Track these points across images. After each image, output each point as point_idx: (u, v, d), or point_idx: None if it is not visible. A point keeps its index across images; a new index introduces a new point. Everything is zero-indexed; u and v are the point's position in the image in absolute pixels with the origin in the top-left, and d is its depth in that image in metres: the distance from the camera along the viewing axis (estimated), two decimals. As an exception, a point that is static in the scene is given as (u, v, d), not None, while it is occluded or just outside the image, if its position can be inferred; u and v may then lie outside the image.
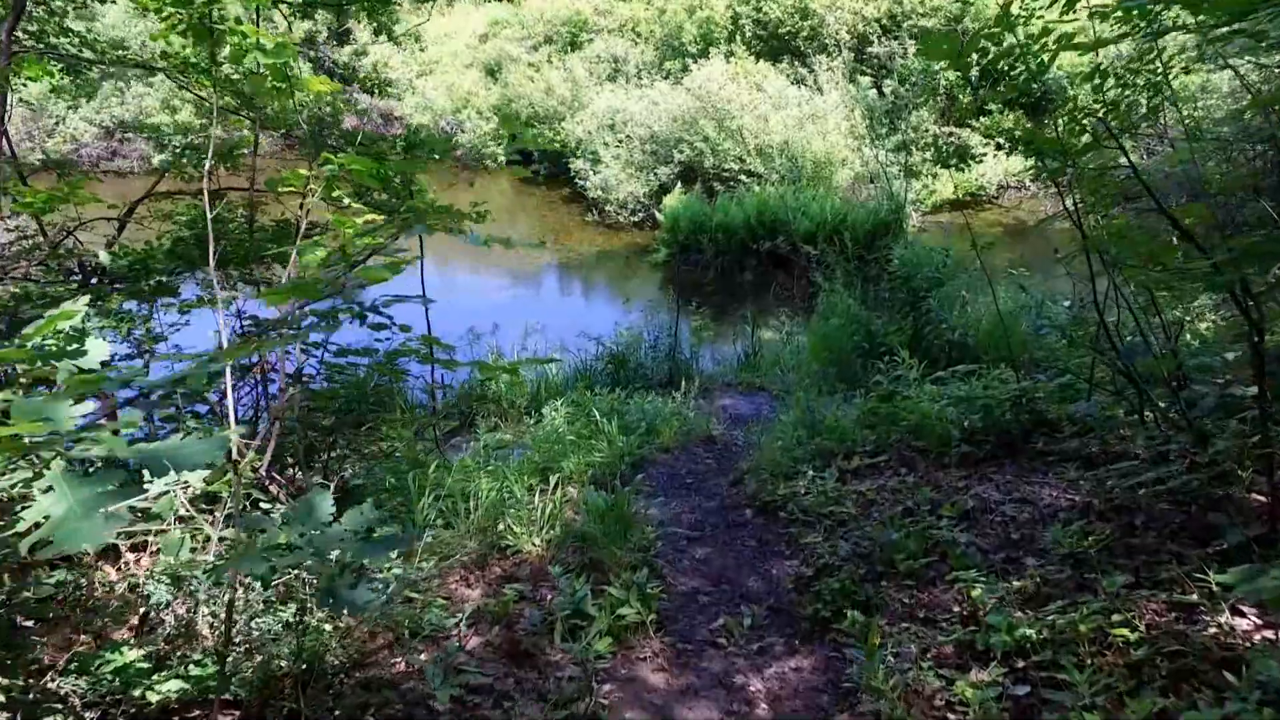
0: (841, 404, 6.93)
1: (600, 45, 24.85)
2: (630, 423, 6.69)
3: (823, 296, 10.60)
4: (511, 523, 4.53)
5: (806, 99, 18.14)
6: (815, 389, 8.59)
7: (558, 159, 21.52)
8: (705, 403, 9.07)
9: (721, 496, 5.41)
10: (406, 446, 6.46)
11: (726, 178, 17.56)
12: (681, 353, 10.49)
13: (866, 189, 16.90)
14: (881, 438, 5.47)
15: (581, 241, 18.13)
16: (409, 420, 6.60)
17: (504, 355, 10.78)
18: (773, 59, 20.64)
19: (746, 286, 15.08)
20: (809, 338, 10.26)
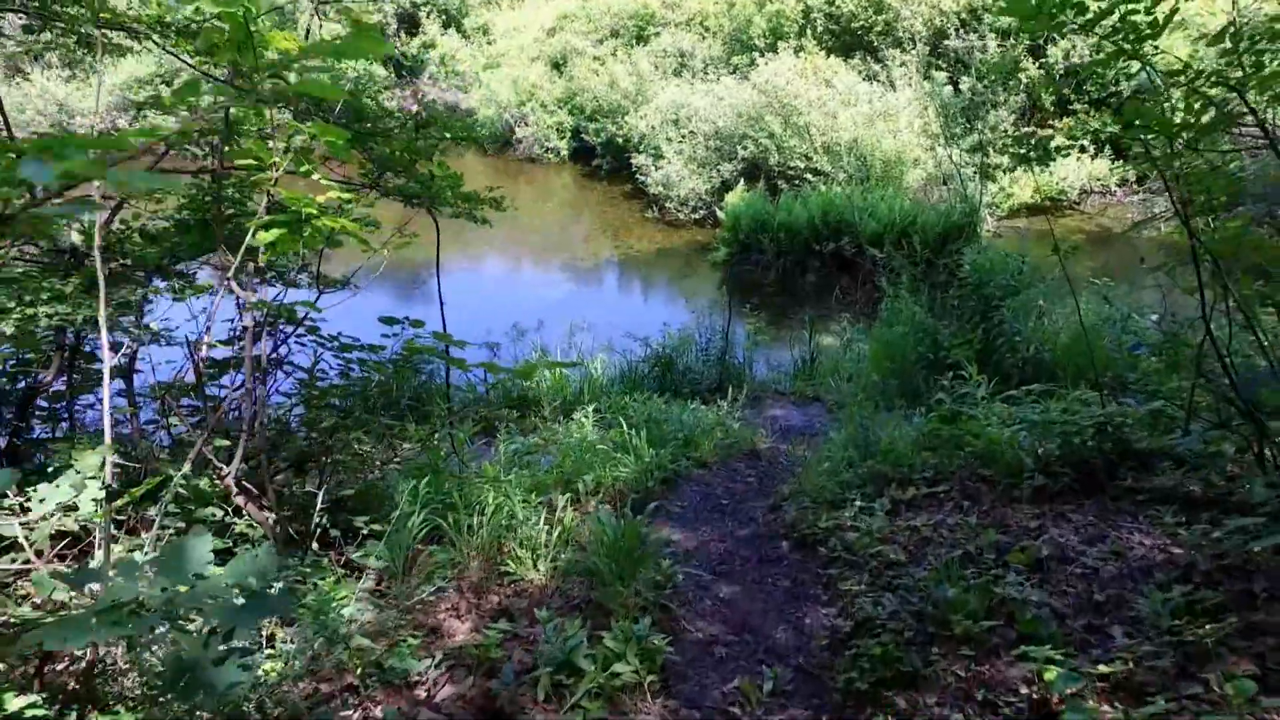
0: (900, 422, 6.28)
1: (667, 39, 24.31)
2: (666, 433, 6.14)
3: (887, 302, 9.91)
4: (515, 545, 4.02)
5: (878, 95, 17.34)
6: (872, 402, 7.93)
7: (620, 154, 21.06)
8: (754, 412, 8.49)
9: (757, 523, 4.84)
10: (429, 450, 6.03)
11: (791, 176, 16.88)
12: (734, 357, 9.92)
13: (938, 191, 16.05)
14: (943, 464, 4.83)
15: (641, 238, 17.63)
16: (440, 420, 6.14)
17: (549, 353, 10.31)
18: (844, 54, 19.86)
19: (808, 289, 14.41)
20: (870, 345, 9.59)
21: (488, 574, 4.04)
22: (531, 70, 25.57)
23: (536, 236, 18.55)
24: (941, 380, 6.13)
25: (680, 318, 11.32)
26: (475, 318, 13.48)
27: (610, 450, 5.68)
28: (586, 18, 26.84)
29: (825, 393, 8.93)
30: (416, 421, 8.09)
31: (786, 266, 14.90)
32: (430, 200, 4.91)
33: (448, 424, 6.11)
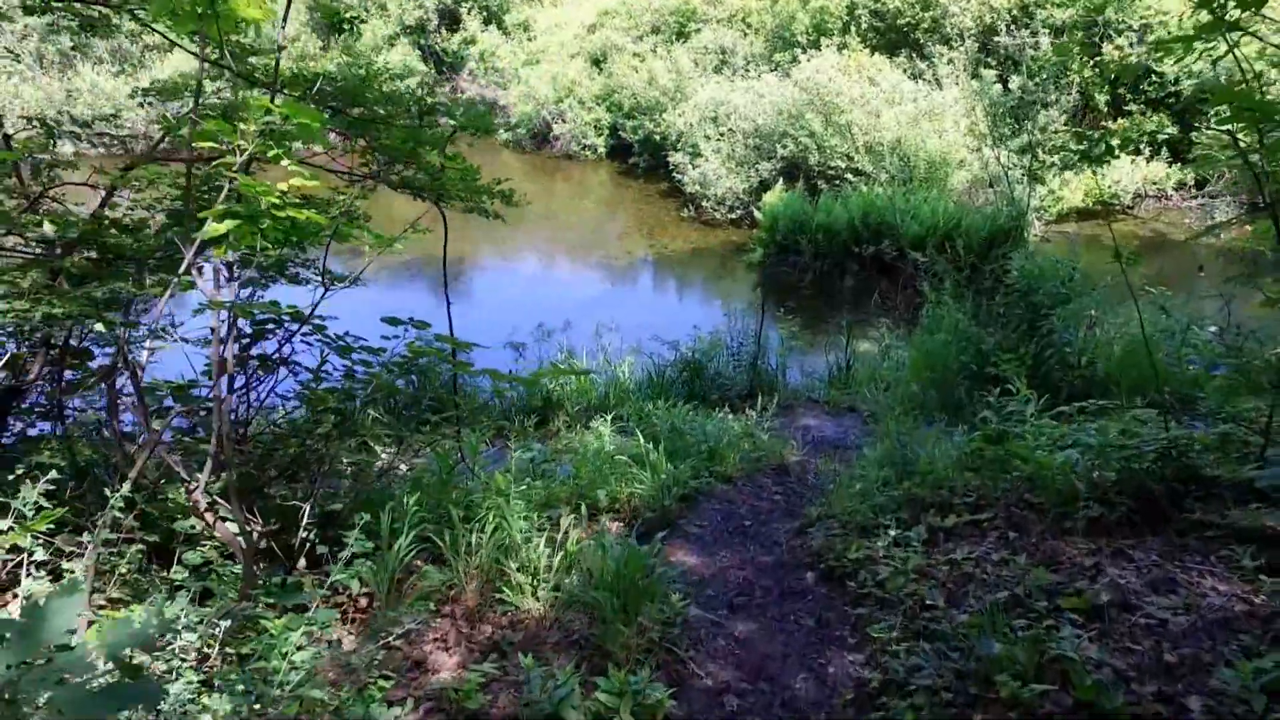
0: (939, 437, 5.85)
1: (708, 35, 23.91)
2: (689, 444, 5.76)
3: (928, 308, 9.45)
4: (515, 569, 3.68)
5: (923, 94, 16.80)
6: (911, 415, 7.50)
7: (657, 151, 20.72)
8: (785, 421, 8.09)
9: (781, 549, 4.45)
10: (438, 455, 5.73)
11: (831, 176, 16.41)
12: (766, 362, 9.51)
13: (984, 193, 15.50)
14: (986, 487, 4.41)
15: (676, 238, 17.26)
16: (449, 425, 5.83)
17: (575, 355, 9.97)
18: (889, 52, 19.33)
19: (846, 293, 13.95)
20: (910, 353, 9.14)
21: (485, 599, 3.70)
22: (570, 67, 25.30)
23: (570, 234, 18.26)
24: (987, 395, 5.69)
25: (713, 319, 10.94)
26: (504, 315, 13.19)
27: (628, 462, 5.33)
28: (627, 14, 26.53)
29: (861, 402, 8.50)
30: (436, 426, 7.83)
31: (824, 269, 14.45)
32: (438, 193, 4.58)
33: (457, 430, 5.78)
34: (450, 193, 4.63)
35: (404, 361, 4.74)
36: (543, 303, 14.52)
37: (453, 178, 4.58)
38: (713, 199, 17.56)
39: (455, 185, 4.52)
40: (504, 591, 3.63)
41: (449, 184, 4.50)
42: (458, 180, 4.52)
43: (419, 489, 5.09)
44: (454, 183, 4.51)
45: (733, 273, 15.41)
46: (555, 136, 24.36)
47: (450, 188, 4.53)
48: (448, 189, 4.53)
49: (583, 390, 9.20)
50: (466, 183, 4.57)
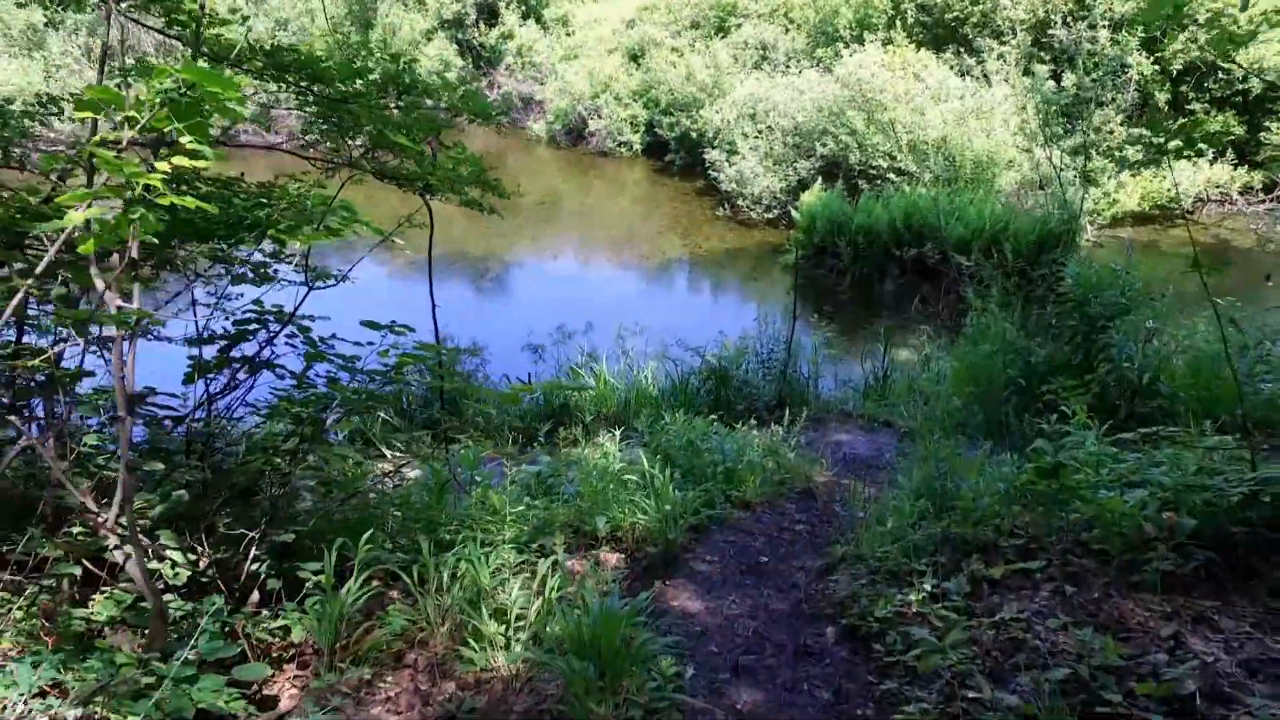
0: (983, 464, 5.26)
1: (749, 30, 23.30)
2: (705, 463, 5.23)
3: (973, 316, 8.84)
4: (485, 618, 3.19)
5: (971, 91, 16.08)
6: (951, 435, 6.90)
7: (694, 149, 20.18)
8: (815, 434, 7.53)
9: (799, 593, 3.90)
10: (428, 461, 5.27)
11: (873, 175, 15.76)
12: (798, 371, 8.93)
13: (1033, 195, 14.75)
14: (1039, 528, 3.83)
15: (710, 237, 16.72)
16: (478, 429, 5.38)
17: (597, 358, 9.48)
18: (935, 48, 18.59)
19: (885, 298, 13.31)
20: (952, 365, 8.53)
21: (452, 648, 3.21)
22: (608, 62, 24.82)
23: (603, 232, 17.79)
24: (1039, 421, 5.09)
25: (745, 323, 10.39)
26: (531, 315, 12.75)
27: (637, 483, 4.81)
28: (667, 8, 26.00)
29: (898, 417, 7.91)
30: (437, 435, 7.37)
31: (863, 272, 13.83)
32: (425, 185, 4.10)
33: (445, 445, 5.32)
34: (439, 185, 4.15)
35: (384, 371, 4.25)
36: (571, 302, 14.06)
37: (443, 168, 4.09)
38: (749, 198, 17.00)
39: (444, 176, 4.04)
40: (469, 645, 3.13)
41: (438, 174, 4.01)
42: (448, 171, 4.03)
43: (406, 508, 4.64)
44: (444, 173, 4.03)
45: (768, 274, 14.83)
46: (590, 133, 23.91)
47: (439, 179, 4.05)
48: (436, 180, 4.04)
49: (602, 397, 8.71)
50: (459, 174, 4.08)
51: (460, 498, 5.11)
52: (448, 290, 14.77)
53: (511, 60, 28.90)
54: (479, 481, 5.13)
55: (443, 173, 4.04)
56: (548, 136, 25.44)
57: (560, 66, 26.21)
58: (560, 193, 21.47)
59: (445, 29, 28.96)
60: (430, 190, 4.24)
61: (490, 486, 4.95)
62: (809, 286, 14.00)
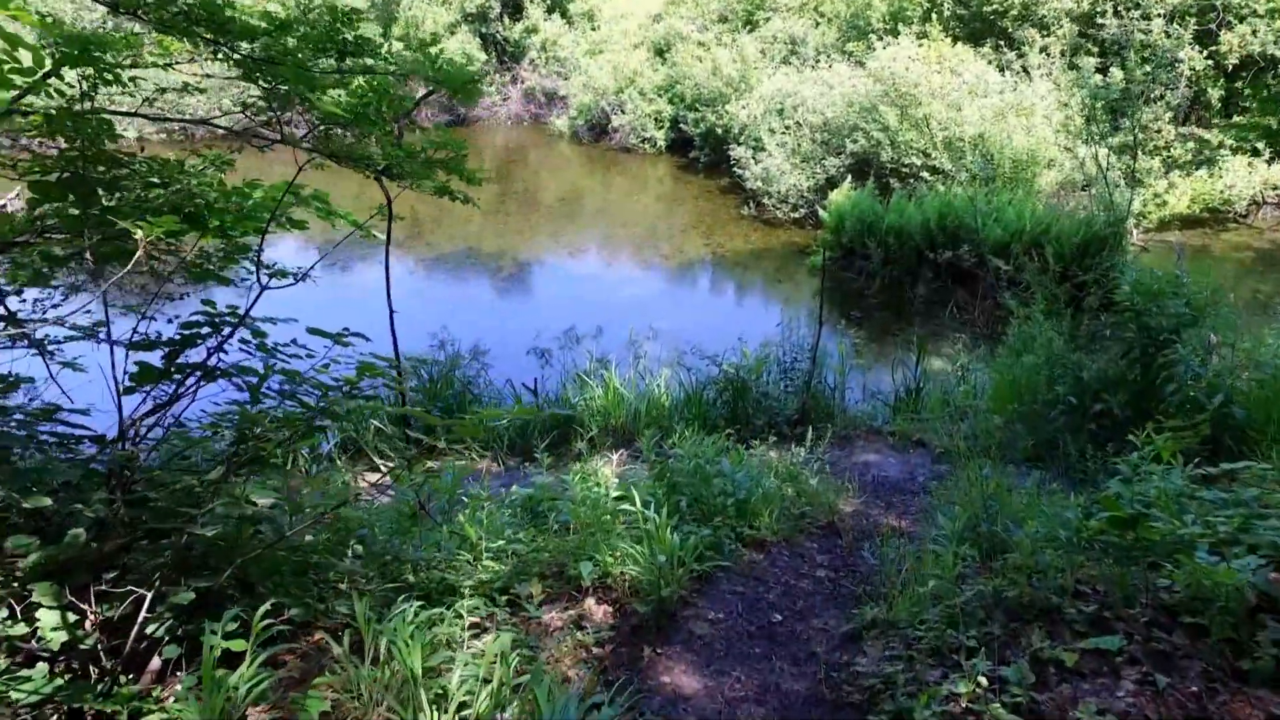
0: (1036, 495, 4.59)
1: (777, 24, 22.60)
2: (714, 493, 4.59)
3: (1014, 325, 8.13)
4: (422, 704, 2.58)
5: (1010, 87, 15.30)
6: (994, 454, 6.22)
7: (719, 146, 19.53)
8: (841, 453, 6.88)
9: (818, 666, 3.25)
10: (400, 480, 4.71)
11: (905, 174, 15.03)
12: (823, 381, 8.26)
13: (1076, 196, 13.97)
14: (1113, 591, 3.17)
15: (734, 237, 16.07)
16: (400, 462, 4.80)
17: (608, 363, 8.86)
18: (973, 42, 17.81)
19: (917, 303, 12.59)
20: (992, 378, 7.83)
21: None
22: (633, 57, 24.22)
23: (624, 230, 17.18)
24: (1100, 452, 4.42)
25: (767, 328, 9.74)
26: (543, 315, 12.17)
27: (638, 514, 4.18)
28: (694, 2, 25.37)
29: (932, 434, 7.23)
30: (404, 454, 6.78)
31: (894, 275, 13.12)
32: (384, 168, 3.50)
33: (408, 464, 4.72)
34: (403, 169, 3.55)
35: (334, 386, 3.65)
36: (587, 302, 13.47)
37: (411, 149, 3.49)
38: (775, 196, 16.34)
39: (403, 159, 3.43)
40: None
41: (395, 155, 3.40)
42: (410, 153, 3.43)
43: (370, 541, 4.05)
44: (403, 155, 3.42)
45: (793, 276, 14.15)
46: (614, 129, 23.32)
47: (399, 162, 3.44)
48: (394, 162, 3.44)
49: (611, 407, 8.11)
50: (425, 157, 3.48)
51: (437, 526, 4.53)
52: (460, 288, 14.24)
53: (535, 55, 28.37)
54: (463, 503, 4.54)
55: (402, 154, 3.44)
56: (570, 132, 24.89)
57: (584, 61, 25.64)
58: (582, 189, 20.90)
59: (469, 22, 28.49)
60: (389, 174, 3.63)
61: (474, 511, 4.37)
62: (836, 290, 13.31)
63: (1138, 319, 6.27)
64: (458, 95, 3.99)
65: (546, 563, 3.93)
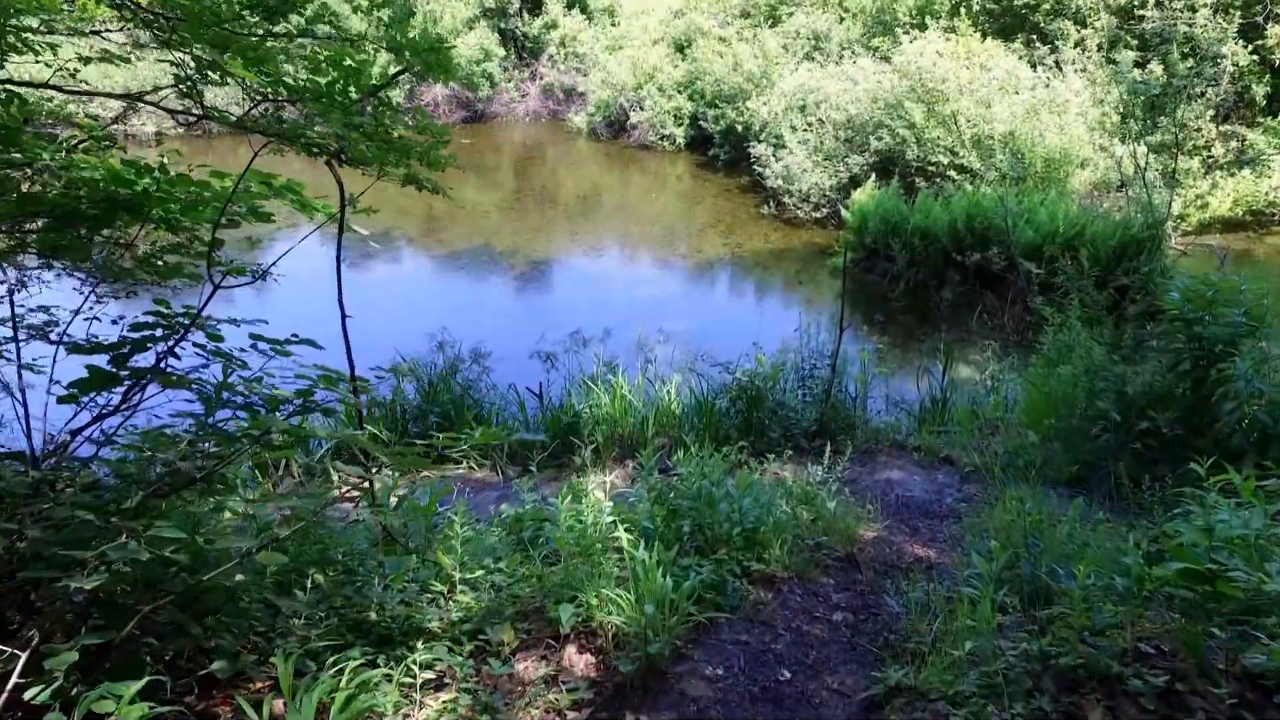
0: (1079, 524, 4.08)
1: (800, 20, 22.04)
2: (719, 520, 4.10)
3: (1050, 333, 7.59)
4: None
5: (1043, 83, 14.69)
6: (1030, 476, 5.70)
7: (740, 144, 19.01)
8: (864, 470, 6.38)
9: (834, 740, 2.77)
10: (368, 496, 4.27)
11: (932, 173, 14.46)
12: (843, 390, 7.74)
13: (1111, 197, 13.35)
14: (1184, 656, 2.66)
15: (753, 236, 15.56)
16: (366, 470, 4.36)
17: (615, 368, 8.40)
18: (1003, 37, 17.20)
19: (943, 307, 12.03)
20: (1025, 391, 7.30)
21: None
22: (652, 52, 23.73)
23: (641, 229, 16.71)
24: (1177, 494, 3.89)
25: (785, 330, 9.22)
26: (555, 315, 11.73)
27: (629, 545, 3.70)
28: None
29: (959, 451, 6.70)
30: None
31: (919, 278, 12.56)
32: (336, 151, 3.05)
33: (370, 487, 4.28)
34: (363, 155, 3.09)
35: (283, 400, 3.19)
36: (601, 303, 13.02)
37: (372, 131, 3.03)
38: (796, 195, 15.82)
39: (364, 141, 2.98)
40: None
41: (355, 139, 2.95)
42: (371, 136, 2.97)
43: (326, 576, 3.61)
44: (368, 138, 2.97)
45: (814, 278, 13.62)
46: (632, 125, 22.86)
47: (358, 146, 2.99)
48: (345, 144, 2.98)
49: (617, 416, 7.64)
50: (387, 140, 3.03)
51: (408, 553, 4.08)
52: (470, 286, 13.82)
53: (554, 51, 27.96)
54: (451, 521, 4.09)
55: (356, 136, 2.98)
56: (588, 129, 24.47)
57: (603, 57, 25.18)
58: (599, 187, 20.45)
59: (488, 18, 28.11)
60: (343, 159, 3.17)
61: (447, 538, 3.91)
62: (859, 293, 12.78)
63: (1188, 328, 5.73)
64: (430, 71, 3.52)
65: (526, 599, 3.47)
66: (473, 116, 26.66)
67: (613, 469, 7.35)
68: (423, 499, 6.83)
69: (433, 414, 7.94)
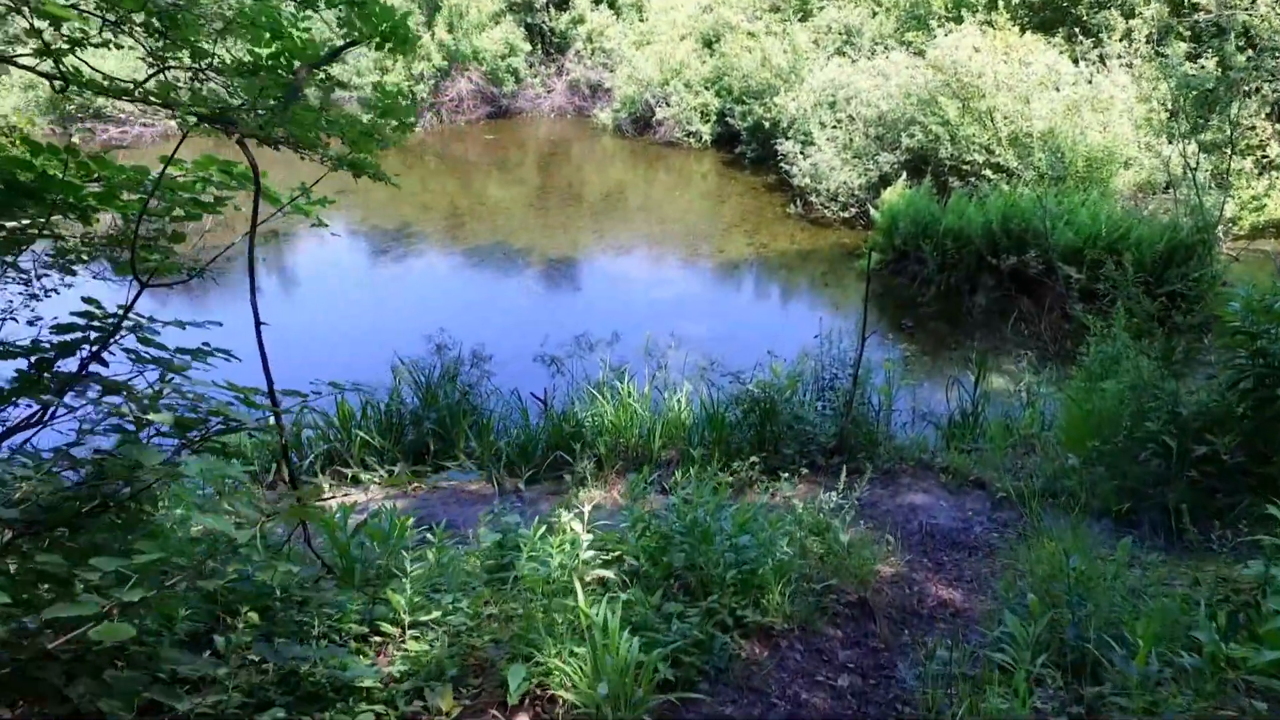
0: (1122, 567, 3.53)
1: (832, 14, 21.41)
2: (711, 562, 3.59)
3: (1092, 344, 6.99)
4: None
5: (1085, 78, 13.97)
6: (1072, 506, 5.14)
7: (767, 141, 18.41)
8: (883, 495, 5.84)
9: None
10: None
11: (966, 172, 13.81)
12: (866, 402, 7.19)
13: (1157, 199, 12.63)
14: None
15: (778, 236, 15.00)
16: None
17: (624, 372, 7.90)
18: (1044, 31, 16.48)
19: (976, 313, 11.41)
20: (1064, 407, 6.70)
21: None
22: (680, 48, 23.18)
23: (663, 228, 16.19)
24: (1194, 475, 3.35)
25: (807, 334, 8.67)
26: (570, 316, 11.26)
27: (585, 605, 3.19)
28: (745, -9, 24.27)
29: (991, 472, 6.13)
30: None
31: (950, 282, 11.94)
32: (257, 126, 2.57)
33: (302, 515, 3.80)
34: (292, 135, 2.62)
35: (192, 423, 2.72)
36: (617, 304, 12.54)
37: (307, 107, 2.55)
38: (824, 194, 15.23)
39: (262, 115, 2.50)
40: None
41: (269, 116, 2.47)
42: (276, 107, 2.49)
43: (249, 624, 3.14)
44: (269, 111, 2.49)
45: (841, 280, 13.04)
46: (658, 122, 22.33)
47: (275, 123, 2.51)
48: (268, 127, 2.51)
49: (621, 426, 7.15)
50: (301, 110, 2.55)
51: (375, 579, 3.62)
52: (486, 285, 13.37)
53: (581, 46, 27.48)
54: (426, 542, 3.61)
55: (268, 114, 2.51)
56: (613, 125, 23.96)
57: (630, 53, 24.67)
58: (623, 184, 19.95)
59: (514, 12, 27.69)
60: (262, 138, 2.68)
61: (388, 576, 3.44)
62: (887, 297, 12.19)
63: (1251, 342, 5.15)
64: (388, 44, 3.04)
65: (481, 651, 2.98)
66: (497, 112, 26.27)
67: (615, 483, 6.87)
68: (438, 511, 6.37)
69: (428, 420, 7.50)
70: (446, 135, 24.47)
